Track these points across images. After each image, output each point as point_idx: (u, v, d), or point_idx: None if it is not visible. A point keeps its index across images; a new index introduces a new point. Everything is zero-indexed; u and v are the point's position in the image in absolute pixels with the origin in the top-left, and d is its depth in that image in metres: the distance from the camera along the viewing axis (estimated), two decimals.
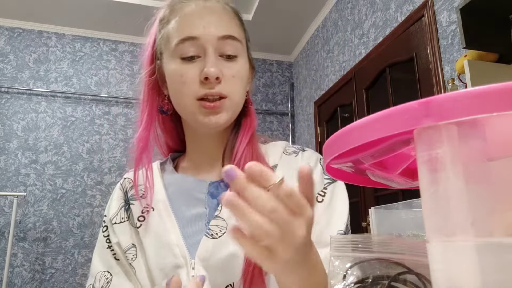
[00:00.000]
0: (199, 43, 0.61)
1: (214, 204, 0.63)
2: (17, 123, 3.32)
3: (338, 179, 0.31)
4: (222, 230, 0.59)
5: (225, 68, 0.61)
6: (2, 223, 3.11)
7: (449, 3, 1.92)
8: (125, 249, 0.63)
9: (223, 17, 0.63)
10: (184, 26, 0.62)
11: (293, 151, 0.68)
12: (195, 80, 0.60)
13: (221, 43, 0.61)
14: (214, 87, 0.60)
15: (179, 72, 0.61)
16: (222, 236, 0.59)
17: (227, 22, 0.63)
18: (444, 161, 0.18)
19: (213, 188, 0.65)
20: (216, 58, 0.61)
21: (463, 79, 1.66)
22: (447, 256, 0.18)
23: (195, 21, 0.62)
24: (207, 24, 0.61)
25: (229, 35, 0.62)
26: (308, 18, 3.44)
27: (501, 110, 0.16)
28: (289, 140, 3.88)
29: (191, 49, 0.61)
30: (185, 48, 0.61)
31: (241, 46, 0.64)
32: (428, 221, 0.19)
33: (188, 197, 0.65)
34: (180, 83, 0.61)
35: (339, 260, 0.29)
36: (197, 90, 0.60)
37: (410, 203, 1.20)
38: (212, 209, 0.63)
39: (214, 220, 0.61)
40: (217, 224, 0.60)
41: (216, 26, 0.61)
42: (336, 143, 0.23)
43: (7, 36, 3.45)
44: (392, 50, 2.35)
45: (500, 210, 0.19)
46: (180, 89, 0.62)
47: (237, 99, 0.63)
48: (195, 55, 0.61)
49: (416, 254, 0.27)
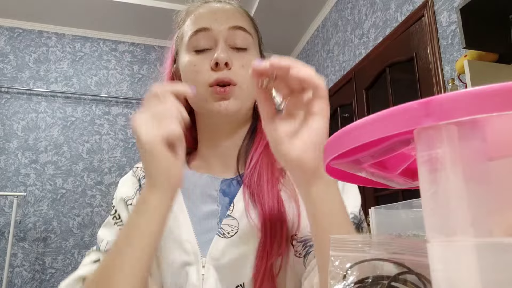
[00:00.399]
0: (211, 34, 0.63)
1: (226, 202, 0.63)
2: (17, 123, 3.32)
3: (338, 179, 0.31)
4: (233, 230, 0.59)
5: (235, 58, 0.63)
6: (2, 223, 3.11)
7: (449, 3, 1.92)
8: None
9: (234, 13, 0.66)
10: (197, 21, 0.65)
11: None
12: (207, 68, 0.62)
13: (232, 34, 0.64)
14: (224, 74, 0.62)
15: (193, 62, 0.63)
16: (234, 236, 0.59)
17: (238, 16, 0.66)
18: (444, 161, 0.18)
19: (226, 185, 0.65)
20: (227, 48, 0.63)
21: (463, 79, 1.66)
22: (447, 256, 0.18)
23: (207, 15, 0.65)
24: (219, 17, 0.64)
25: (239, 26, 0.64)
26: (308, 18, 3.44)
27: (501, 110, 0.16)
28: None
29: (203, 41, 0.64)
30: (198, 40, 0.64)
31: (251, 39, 0.66)
32: (428, 221, 0.19)
33: (201, 194, 0.65)
34: (194, 72, 0.63)
35: (339, 260, 0.29)
36: (208, 76, 0.62)
37: (410, 203, 1.20)
38: (224, 207, 0.63)
39: (226, 219, 0.61)
40: (229, 224, 0.60)
41: (227, 18, 0.64)
42: (336, 143, 0.23)
43: (7, 36, 3.45)
44: (392, 50, 2.35)
45: (500, 210, 0.19)
46: (194, 78, 0.63)
47: (247, 88, 0.63)
48: (207, 47, 0.64)
49: (416, 254, 0.27)
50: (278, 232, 0.57)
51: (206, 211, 0.63)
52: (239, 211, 0.61)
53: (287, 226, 0.58)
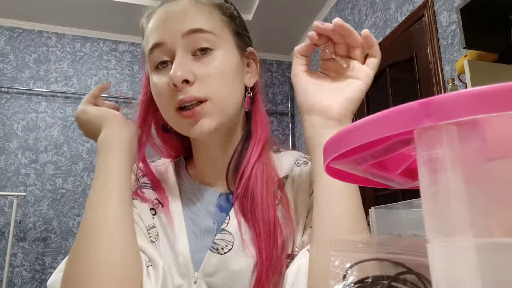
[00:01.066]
0: (167, 48, 0.55)
1: (223, 218, 0.60)
2: (17, 123, 3.32)
3: (338, 179, 0.31)
4: (228, 246, 0.56)
5: (198, 68, 0.55)
6: (2, 223, 3.11)
7: (449, 3, 1.92)
8: (147, 227, 0.59)
9: (187, 12, 0.57)
10: (150, 35, 0.57)
11: (303, 162, 0.64)
12: (168, 90, 0.55)
13: (188, 40, 0.55)
14: (187, 92, 0.54)
15: (155, 84, 0.57)
16: (228, 252, 0.56)
17: (192, 15, 0.56)
18: (444, 161, 0.18)
19: (223, 200, 0.62)
20: (185, 58, 0.55)
21: (463, 79, 1.66)
22: (447, 256, 0.18)
23: (159, 25, 0.57)
24: (170, 25, 0.56)
25: (195, 29, 0.55)
26: (308, 18, 3.44)
27: (501, 110, 0.16)
28: (288, 140, 3.88)
29: (161, 57, 0.56)
30: (155, 57, 0.57)
31: (215, 38, 0.56)
32: (428, 221, 0.19)
33: (199, 207, 0.62)
34: (157, 95, 0.57)
35: (339, 260, 0.29)
36: (171, 99, 0.55)
37: (410, 203, 1.20)
38: (220, 224, 0.59)
39: (220, 234, 0.57)
40: (223, 238, 0.57)
41: (178, 23, 0.55)
42: (336, 143, 0.23)
43: (7, 36, 3.45)
44: (392, 50, 2.35)
45: (500, 210, 0.19)
46: (159, 102, 0.58)
47: (222, 99, 0.56)
48: (167, 62, 0.56)
49: (416, 254, 0.27)
50: (274, 258, 0.54)
51: (202, 227, 0.60)
52: (234, 225, 0.57)
53: (283, 249, 0.55)
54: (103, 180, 0.53)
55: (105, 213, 0.51)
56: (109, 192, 0.52)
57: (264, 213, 0.56)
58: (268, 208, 0.56)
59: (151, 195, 0.63)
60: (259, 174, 0.58)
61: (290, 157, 0.65)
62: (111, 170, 0.54)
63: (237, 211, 0.58)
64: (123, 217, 0.52)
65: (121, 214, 0.52)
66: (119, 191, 0.53)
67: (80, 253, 0.49)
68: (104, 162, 0.55)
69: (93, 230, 0.50)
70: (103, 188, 0.53)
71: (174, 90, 0.54)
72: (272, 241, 0.54)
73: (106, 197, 0.52)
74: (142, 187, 0.65)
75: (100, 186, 0.53)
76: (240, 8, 0.67)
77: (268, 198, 0.57)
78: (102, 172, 0.54)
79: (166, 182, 0.65)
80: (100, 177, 0.54)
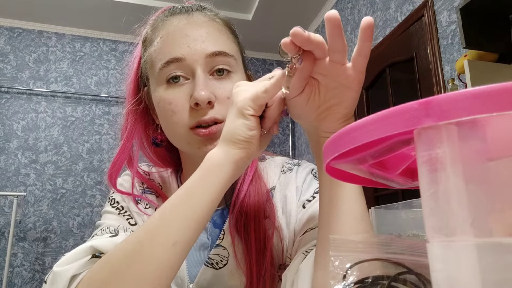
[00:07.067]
0: (186, 64, 0.54)
1: (216, 234, 0.60)
2: (17, 123, 3.32)
3: (338, 179, 0.31)
4: (223, 261, 0.57)
5: (218, 89, 0.54)
6: (2, 223, 3.11)
7: (449, 3, 1.92)
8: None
9: (211, 31, 0.56)
10: (167, 47, 0.55)
11: (288, 168, 0.64)
12: (185, 107, 0.54)
13: (211, 61, 0.55)
14: (206, 113, 0.53)
15: (167, 99, 0.55)
16: (223, 268, 0.56)
17: (216, 36, 0.56)
18: (444, 161, 0.18)
19: (217, 216, 0.62)
20: (207, 79, 0.54)
21: (463, 79, 1.66)
22: (447, 256, 0.18)
23: (179, 39, 0.55)
24: (192, 42, 0.54)
25: (219, 51, 0.55)
26: (308, 18, 3.44)
27: (501, 110, 0.16)
28: (288, 140, 3.88)
29: (178, 72, 0.54)
30: (170, 72, 0.54)
31: (235, 62, 0.57)
32: (428, 221, 0.19)
33: None
34: (170, 112, 0.55)
35: (339, 260, 0.29)
36: (188, 118, 0.54)
37: (410, 203, 1.20)
38: (214, 239, 0.60)
39: (215, 249, 0.58)
40: (219, 254, 0.57)
41: (203, 42, 0.54)
42: (336, 143, 0.23)
43: (7, 36, 3.45)
44: (392, 50, 2.35)
45: (500, 210, 0.19)
46: (171, 119, 0.55)
47: None
48: (182, 78, 0.55)
49: (416, 254, 0.27)
50: (265, 275, 0.54)
51: (197, 241, 0.59)
52: (228, 241, 0.58)
53: (273, 265, 0.56)
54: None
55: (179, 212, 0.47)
56: (191, 195, 0.48)
57: (255, 229, 0.56)
58: (259, 223, 0.57)
59: (157, 202, 0.64)
60: (252, 189, 0.59)
61: (275, 166, 0.65)
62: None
63: (232, 227, 0.58)
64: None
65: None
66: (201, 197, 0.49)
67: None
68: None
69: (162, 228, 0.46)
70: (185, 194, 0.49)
71: (193, 109, 0.53)
72: (262, 258, 0.55)
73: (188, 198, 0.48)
74: (146, 192, 0.65)
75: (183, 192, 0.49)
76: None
77: (260, 213, 0.58)
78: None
79: (168, 190, 0.66)
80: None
